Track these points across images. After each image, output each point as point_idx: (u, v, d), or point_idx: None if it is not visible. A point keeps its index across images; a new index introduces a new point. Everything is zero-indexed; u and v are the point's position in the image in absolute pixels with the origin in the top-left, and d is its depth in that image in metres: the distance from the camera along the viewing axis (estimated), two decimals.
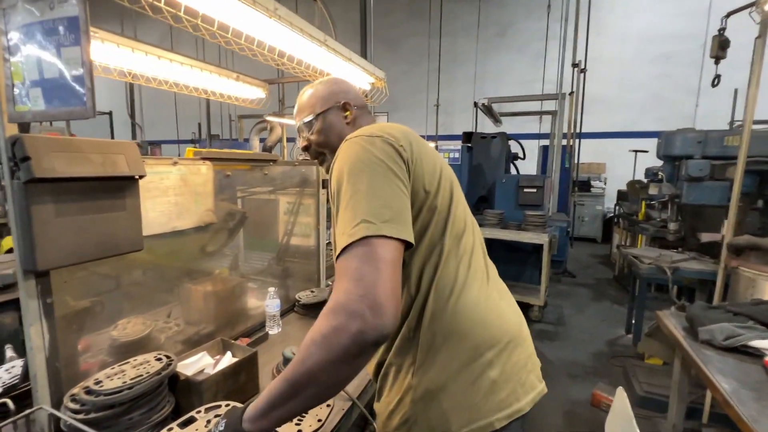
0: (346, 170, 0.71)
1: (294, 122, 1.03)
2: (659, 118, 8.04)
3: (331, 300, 0.61)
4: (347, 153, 0.74)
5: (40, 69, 0.74)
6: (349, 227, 0.64)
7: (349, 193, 0.68)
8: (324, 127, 0.96)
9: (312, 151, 1.00)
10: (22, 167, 0.82)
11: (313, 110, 0.97)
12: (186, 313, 1.54)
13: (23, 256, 0.86)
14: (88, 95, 0.69)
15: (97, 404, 0.89)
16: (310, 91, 1.00)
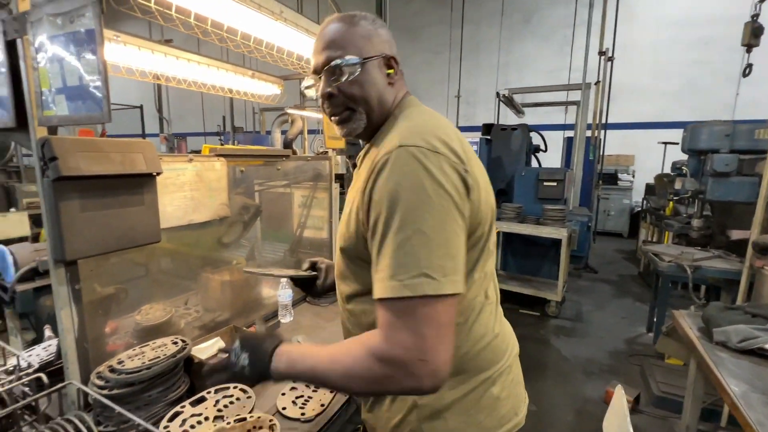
0: (406, 197, 0.61)
1: (313, 59, 0.78)
2: (694, 107, 7.62)
3: (387, 348, 0.60)
4: (406, 170, 0.63)
5: (63, 77, 0.81)
6: (406, 275, 0.59)
7: (408, 230, 0.60)
8: (365, 78, 0.74)
9: (337, 102, 0.77)
10: (51, 166, 0.90)
11: (359, 52, 0.74)
12: (203, 300, 1.63)
13: (53, 247, 0.95)
14: (104, 101, 0.76)
15: (119, 381, 0.98)
16: (350, 26, 0.75)
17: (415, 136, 0.66)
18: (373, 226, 0.65)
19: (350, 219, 0.75)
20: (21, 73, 0.90)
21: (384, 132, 0.77)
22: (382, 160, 0.65)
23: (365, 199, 0.67)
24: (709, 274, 2.40)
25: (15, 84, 0.92)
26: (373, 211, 0.65)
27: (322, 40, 0.76)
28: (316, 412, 1.10)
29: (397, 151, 0.64)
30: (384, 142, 0.70)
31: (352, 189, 0.80)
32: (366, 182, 0.67)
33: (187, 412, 0.98)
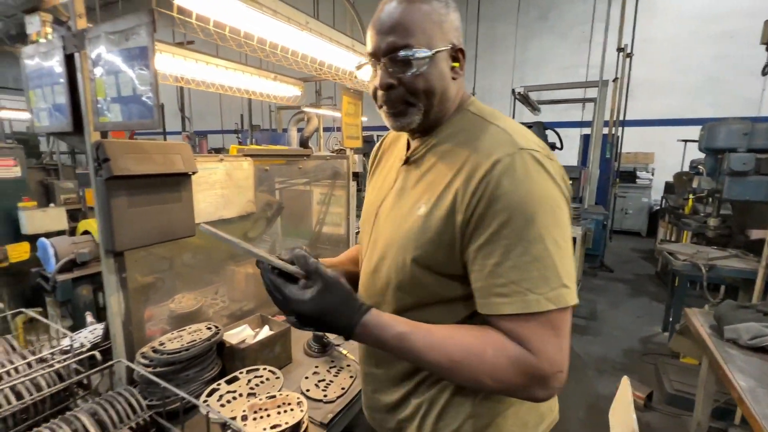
0: (541, 207, 0.59)
1: (372, 39, 0.68)
2: (716, 103, 7.42)
3: (536, 363, 0.58)
4: (535, 177, 0.60)
5: (118, 87, 0.91)
6: (547, 288, 0.58)
7: (546, 241, 0.58)
8: (431, 72, 0.66)
9: (396, 94, 0.68)
10: (104, 167, 1.00)
11: (429, 42, 0.65)
12: (230, 291, 1.74)
13: (105, 239, 1.06)
14: (155, 110, 0.85)
15: (161, 361, 1.09)
16: (421, 6, 0.66)
17: (528, 140, 0.64)
18: (492, 234, 0.60)
19: (428, 224, 0.66)
20: (78, 84, 1.01)
21: (462, 130, 0.71)
22: (505, 161, 0.60)
23: (470, 201, 0.62)
24: (724, 273, 2.39)
25: (72, 93, 1.03)
26: (494, 218, 0.60)
27: (387, 20, 0.66)
28: (337, 395, 1.19)
29: (520, 154, 0.61)
30: (483, 143, 0.65)
31: (413, 189, 0.73)
32: (467, 183, 0.62)
33: (223, 389, 1.08)
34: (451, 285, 0.68)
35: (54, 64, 1.04)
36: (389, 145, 0.94)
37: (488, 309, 0.62)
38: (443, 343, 0.62)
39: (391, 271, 0.72)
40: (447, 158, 0.69)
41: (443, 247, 0.65)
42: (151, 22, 0.81)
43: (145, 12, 0.82)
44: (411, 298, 0.71)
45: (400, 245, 0.70)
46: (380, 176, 0.89)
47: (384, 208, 0.79)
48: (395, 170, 0.81)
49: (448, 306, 0.69)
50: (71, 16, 0.96)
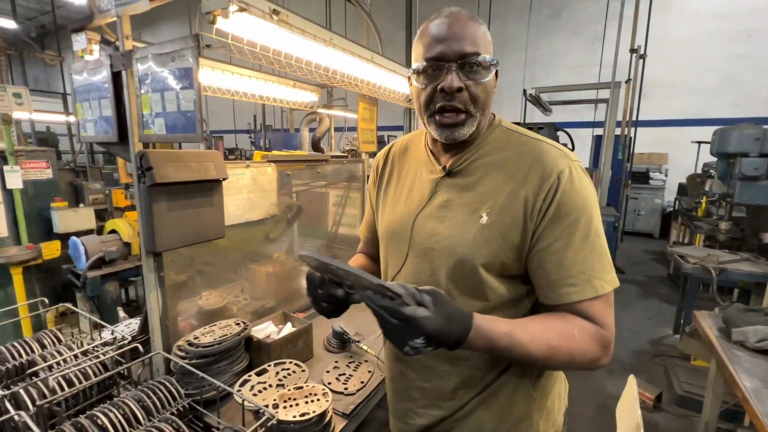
0: (594, 206, 0.71)
1: (439, 45, 0.70)
2: (734, 103, 7.30)
3: (609, 335, 0.70)
4: (586, 183, 0.73)
5: (163, 104, 1.00)
6: (606, 273, 0.70)
7: (599, 235, 0.71)
8: (490, 83, 0.73)
9: (461, 100, 0.72)
10: (147, 175, 1.09)
11: (488, 54, 0.73)
12: (252, 289, 1.84)
13: (146, 240, 1.15)
14: (198, 125, 0.94)
15: (196, 353, 1.18)
16: (481, 26, 0.74)
17: (571, 152, 0.75)
18: (560, 233, 0.69)
19: (495, 232, 0.72)
20: (123, 98, 1.10)
21: (508, 145, 0.77)
22: (566, 171, 0.70)
23: (541, 208, 0.69)
24: (734, 277, 2.40)
25: (118, 106, 1.12)
26: (562, 220, 0.69)
27: (455, 29, 0.71)
28: (357, 388, 1.27)
29: (573, 164, 0.72)
30: (542, 157, 0.72)
31: (463, 199, 0.77)
32: (537, 193, 0.70)
33: (254, 380, 1.17)
34: (515, 285, 0.75)
35: (101, 79, 1.14)
36: (401, 154, 0.95)
37: (560, 299, 0.70)
38: (542, 333, 0.67)
39: (456, 280, 0.75)
40: (501, 171, 0.75)
41: (513, 251, 0.72)
42: (197, 46, 0.90)
43: (191, 37, 0.90)
44: (480, 303, 0.75)
45: (464, 254, 0.73)
46: (403, 188, 0.89)
47: (423, 219, 0.80)
48: (429, 182, 0.83)
49: (514, 304, 0.76)
50: (119, 37, 1.06)
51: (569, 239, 0.69)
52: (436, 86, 0.72)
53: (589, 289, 0.68)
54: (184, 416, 1.07)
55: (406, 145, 0.96)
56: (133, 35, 1.08)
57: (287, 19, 1.05)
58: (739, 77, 7.28)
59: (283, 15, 1.02)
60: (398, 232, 0.85)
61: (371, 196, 1.02)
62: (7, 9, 8.36)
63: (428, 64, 0.72)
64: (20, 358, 1.16)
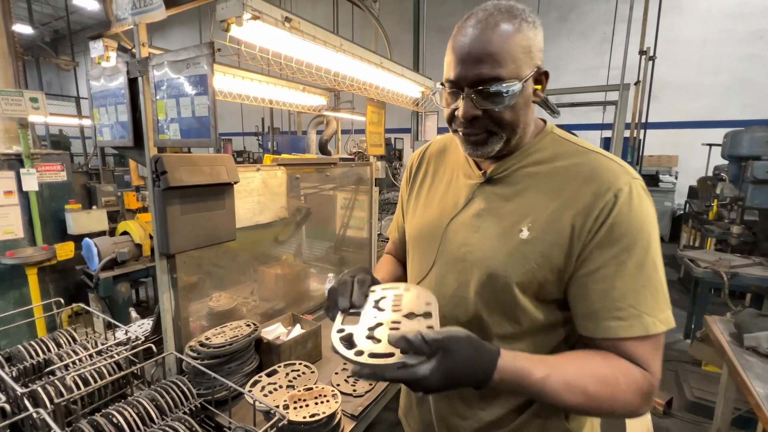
0: (654, 233, 0.63)
1: (456, 67, 0.65)
2: (746, 104, 7.21)
3: (653, 384, 0.61)
4: (647, 205, 0.63)
5: (178, 110, 1.02)
6: (659, 311, 0.61)
7: (657, 266, 0.62)
8: (519, 102, 0.65)
9: (479, 125, 0.67)
10: (162, 179, 1.12)
11: (518, 71, 0.63)
12: (261, 291, 1.86)
13: (160, 242, 1.18)
14: (213, 130, 0.96)
15: (208, 354, 1.20)
16: (512, 34, 0.62)
17: (631, 168, 0.66)
18: (610, 258, 0.61)
19: (536, 249, 0.65)
20: (139, 104, 1.13)
21: (558, 155, 0.70)
22: (625, 189, 0.62)
23: (592, 228, 0.62)
24: (747, 281, 2.37)
25: (134, 112, 1.15)
26: (614, 244, 0.61)
27: (474, 48, 0.62)
28: (366, 390, 1.28)
29: (634, 182, 0.64)
30: (597, 172, 0.65)
31: (502, 210, 0.71)
32: (588, 211, 0.62)
33: (264, 381, 1.19)
34: (551, 310, 0.68)
35: (118, 85, 1.17)
36: (437, 154, 0.89)
37: (603, 332, 0.62)
38: (580, 377, 0.60)
39: (485, 297, 0.70)
40: (548, 183, 0.68)
41: (553, 273, 0.65)
42: (212, 53, 0.92)
43: (206, 44, 0.92)
44: (510, 326, 0.69)
45: (497, 269, 0.67)
46: (437, 191, 0.83)
47: (456, 226, 0.75)
48: (465, 187, 0.77)
49: (548, 331, 0.69)
50: (135, 44, 1.08)
51: (621, 266, 0.61)
52: (454, 110, 0.68)
53: (638, 326, 0.60)
54: (196, 416, 1.08)
55: (444, 146, 0.89)
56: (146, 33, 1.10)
57: (299, 26, 1.07)
58: (751, 78, 7.18)
59: (295, 22, 1.04)
60: (426, 236, 0.80)
61: (402, 198, 0.97)
62: (23, 15, 8.56)
63: (447, 87, 0.68)
64: (37, 357, 1.19)
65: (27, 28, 7.55)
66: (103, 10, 1.16)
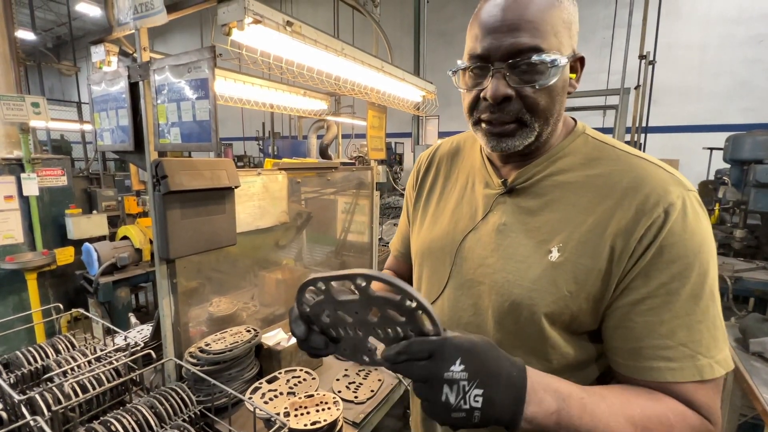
0: (711, 259, 0.53)
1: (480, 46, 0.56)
2: (747, 108, 7.22)
3: (713, 427, 0.52)
4: (705, 224, 0.53)
5: (179, 114, 1.02)
6: (718, 351, 0.52)
7: (714, 298, 0.53)
8: (557, 85, 0.56)
9: (511, 109, 0.57)
10: (162, 183, 1.11)
11: (560, 48, 0.55)
12: (262, 296, 1.85)
13: (160, 247, 1.17)
14: (213, 134, 0.95)
15: (208, 360, 1.19)
16: (554, 4, 0.55)
17: (684, 177, 0.56)
18: (658, 287, 0.52)
19: (569, 274, 0.55)
20: (140, 108, 1.13)
21: (594, 159, 0.60)
22: (677, 204, 0.52)
23: (636, 249, 0.52)
24: (751, 285, 2.36)
25: (134, 116, 1.15)
26: (664, 269, 0.51)
27: (510, 14, 0.53)
28: (367, 396, 1.26)
29: (688, 195, 0.54)
30: (641, 181, 0.55)
31: (527, 225, 0.60)
32: (631, 229, 0.53)
33: (265, 388, 1.17)
34: (584, 344, 0.59)
35: (119, 90, 1.16)
36: (449, 156, 0.79)
37: (648, 374, 0.53)
38: (626, 407, 0.50)
39: (507, 327, 0.60)
40: (582, 194, 0.58)
41: (589, 302, 0.55)
42: (212, 57, 0.92)
43: (207, 49, 0.92)
44: (536, 362, 0.58)
45: (521, 297, 0.58)
46: (449, 200, 0.74)
47: (472, 243, 0.65)
48: (483, 198, 0.67)
49: (579, 369, 0.60)
50: (137, 49, 1.08)
51: (671, 296, 0.51)
52: (480, 92, 0.57)
53: (690, 370, 0.51)
54: (195, 423, 1.07)
55: (458, 147, 0.79)
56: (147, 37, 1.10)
57: (300, 30, 1.06)
58: (751, 82, 7.21)
59: (296, 26, 1.04)
60: (438, 253, 0.70)
61: (408, 204, 0.86)
62: (26, 21, 8.62)
63: (470, 63, 0.58)
64: (35, 364, 1.17)
65: (29, 34, 7.60)
66: (104, 17, 1.16)
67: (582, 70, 0.61)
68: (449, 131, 7.42)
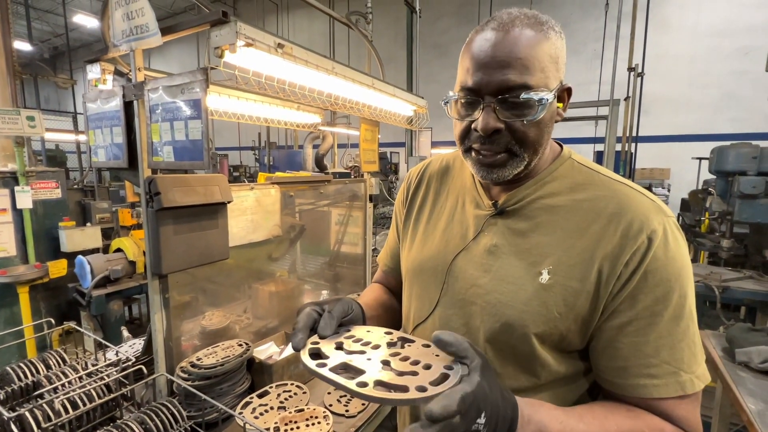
0: (690, 281, 0.57)
1: (476, 73, 0.57)
2: (734, 118, 7.38)
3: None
4: (683, 249, 0.57)
5: (172, 133, 1.04)
6: (698, 366, 0.56)
7: (692, 317, 0.56)
8: (545, 118, 0.58)
9: (500, 141, 0.59)
10: (155, 200, 1.13)
11: (547, 82, 0.57)
12: (255, 308, 1.85)
13: (153, 263, 1.18)
14: (205, 153, 0.98)
15: (199, 375, 1.19)
16: (541, 40, 0.57)
17: (663, 203, 0.59)
18: (643, 309, 0.55)
19: (558, 296, 0.58)
20: (134, 126, 1.15)
21: (580, 185, 0.63)
22: (659, 231, 0.56)
23: (622, 273, 0.55)
24: (738, 295, 2.39)
25: (128, 134, 1.17)
26: (649, 293, 0.55)
27: (500, 51, 0.56)
28: (358, 410, 1.27)
29: (668, 221, 0.57)
30: (626, 208, 0.58)
31: (516, 247, 0.63)
32: (618, 255, 0.56)
33: (255, 402, 1.18)
34: (572, 361, 0.62)
35: (113, 108, 1.19)
36: (439, 175, 0.81)
37: (634, 391, 0.56)
38: (600, 428, 0.54)
39: (499, 345, 0.62)
40: (569, 218, 0.61)
41: (577, 323, 0.58)
42: (205, 79, 0.95)
43: (200, 70, 0.95)
44: (527, 379, 0.61)
45: (514, 318, 0.60)
46: (439, 219, 0.75)
47: (463, 263, 0.67)
48: (474, 218, 0.69)
49: (568, 383, 0.63)
50: (132, 69, 1.11)
51: (655, 318, 0.55)
52: (471, 123, 0.60)
53: (674, 385, 0.54)
54: None
55: (447, 165, 0.80)
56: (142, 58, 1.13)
57: (291, 52, 1.10)
58: (738, 93, 7.37)
59: (287, 48, 1.08)
60: (429, 272, 0.71)
61: (397, 220, 0.87)
62: (23, 32, 8.67)
63: (462, 95, 0.60)
64: (26, 380, 1.17)
65: (26, 45, 7.64)
66: (101, 28, 1.19)
67: (569, 99, 0.64)
68: (443, 141, 7.48)
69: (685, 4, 7.71)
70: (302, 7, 10.02)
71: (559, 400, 0.62)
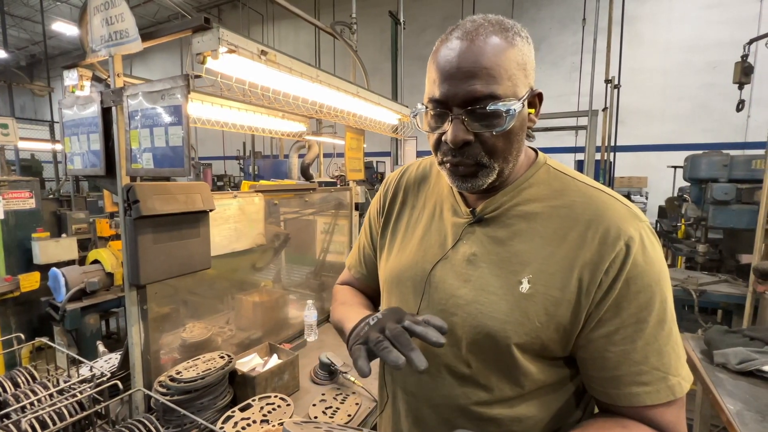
0: (668, 285, 0.57)
1: (443, 85, 0.57)
2: (707, 129, 7.71)
3: None
4: (660, 253, 0.57)
5: (152, 139, 1.02)
6: (683, 370, 0.57)
7: (674, 316, 0.57)
8: (515, 126, 0.58)
9: (471, 153, 0.59)
10: (134, 208, 1.10)
11: (515, 90, 0.57)
12: (238, 320, 1.81)
13: (131, 273, 1.14)
14: (186, 160, 0.96)
15: (179, 389, 1.15)
16: (507, 47, 0.56)
17: (637, 208, 0.60)
18: (628, 317, 0.55)
19: (539, 305, 0.57)
20: (113, 133, 1.12)
21: (556, 192, 0.63)
22: (636, 238, 0.55)
23: (602, 282, 0.55)
24: (715, 298, 2.47)
25: (106, 141, 1.14)
26: (632, 300, 0.55)
27: (465, 62, 0.55)
28: (345, 421, 1.24)
29: (643, 227, 0.57)
30: (604, 215, 0.58)
31: (496, 256, 0.62)
32: (597, 264, 0.56)
33: (238, 416, 1.14)
34: (556, 368, 0.62)
35: (90, 114, 1.16)
36: (416, 182, 0.80)
37: (628, 400, 0.56)
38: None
39: (481, 356, 0.62)
40: (547, 225, 0.60)
41: (558, 332, 0.58)
42: (186, 85, 0.93)
43: (181, 77, 0.94)
44: (510, 388, 0.61)
45: (495, 329, 0.59)
46: (417, 227, 0.74)
47: (443, 273, 0.66)
48: (452, 226, 0.68)
49: (554, 389, 0.63)
50: (111, 74, 1.09)
51: (641, 325, 0.54)
52: (441, 135, 0.59)
53: (664, 391, 0.54)
54: None
55: (425, 172, 0.80)
56: (124, 65, 1.10)
57: (275, 59, 1.10)
58: (710, 105, 7.72)
59: (270, 55, 1.07)
60: (407, 282, 0.70)
61: (371, 227, 0.86)
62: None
63: (430, 107, 0.59)
64: None
65: (1, 53, 7.44)
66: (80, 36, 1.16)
67: (540, 104, 0.63)
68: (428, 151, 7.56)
69: (657, 21, 8.07)
70: (288, 18, 10.07)
71: (545, 407, 0.62)
